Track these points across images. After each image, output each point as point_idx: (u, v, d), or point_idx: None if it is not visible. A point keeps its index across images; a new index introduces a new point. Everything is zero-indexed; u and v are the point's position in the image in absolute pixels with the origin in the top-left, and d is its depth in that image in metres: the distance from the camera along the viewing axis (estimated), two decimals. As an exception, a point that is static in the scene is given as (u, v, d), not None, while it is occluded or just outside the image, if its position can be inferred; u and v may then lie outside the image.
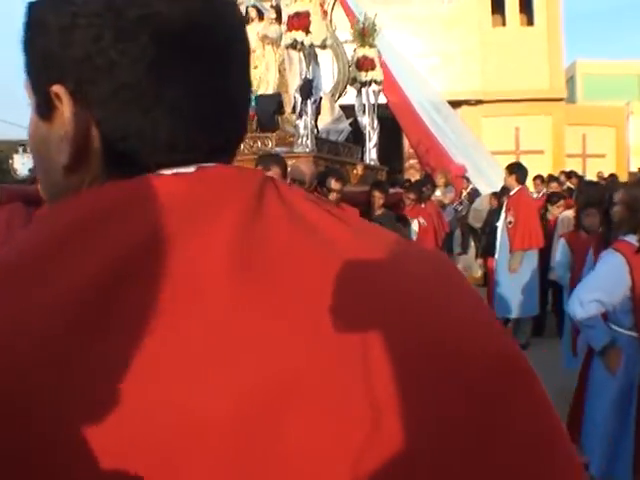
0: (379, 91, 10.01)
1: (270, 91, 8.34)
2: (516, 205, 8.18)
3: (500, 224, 8.49)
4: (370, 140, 9.82)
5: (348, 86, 9.91)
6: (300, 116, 7.27)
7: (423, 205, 9.94)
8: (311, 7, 7.32)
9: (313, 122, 7.45)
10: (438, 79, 20.37)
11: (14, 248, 0.65)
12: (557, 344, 6.99)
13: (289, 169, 5.91)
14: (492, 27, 22.21)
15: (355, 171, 8.67)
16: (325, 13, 7.46)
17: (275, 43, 8.58)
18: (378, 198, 7.90)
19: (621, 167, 21.88)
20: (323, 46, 7.56)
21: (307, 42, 7.29)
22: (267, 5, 9.09)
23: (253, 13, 9.14)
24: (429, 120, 19.82)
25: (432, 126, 19.55)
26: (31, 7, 0.73)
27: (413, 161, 20.93)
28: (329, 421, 0.58)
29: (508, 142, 21.46)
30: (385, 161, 10.58)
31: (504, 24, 22.57)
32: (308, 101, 7.25)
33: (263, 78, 8.76)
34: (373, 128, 9.81)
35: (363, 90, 9.73)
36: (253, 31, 8.94)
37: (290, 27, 7.36)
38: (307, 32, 7.28)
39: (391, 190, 9.42)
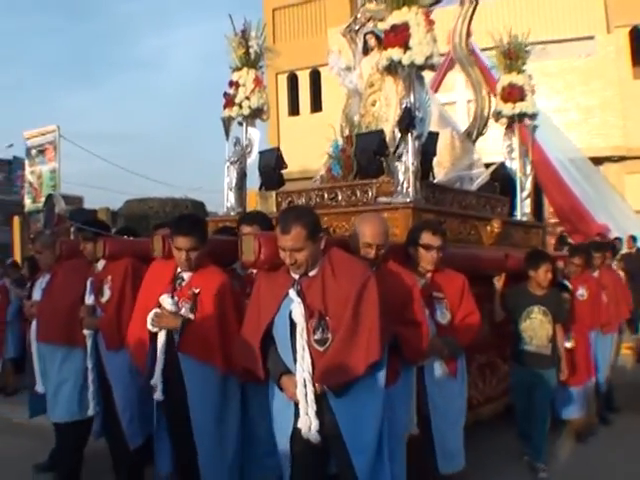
0: (533, 127, 7.65)
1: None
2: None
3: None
4: (523, 190, 7.46)
5: (492, 122, 7.68)
6: (400, 157, 5.19)
7: (596, 273, 7.41)
8: (412, 17, 5.28)
9: (417, 164, 5.29)
10: (577, 135, 18.55)
11: None
12: None
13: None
14: (633, 79, 19.85)
15: (489, 228, 6.28)
16: (431, 24, 5.33)
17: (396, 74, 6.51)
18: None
19: None
20: (430, 66, 5.41)
21: (405, 61, 5.24)
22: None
23: (372, 41, 7.21)
24: (569, 178, 17.77)
25: (572, 184, 17.50)
26: None
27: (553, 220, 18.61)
28: None
29: (655, 201, 18.63)
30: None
31: (645, 75, 20.22)
32: (409, 137, 5.17)
33: (382, 115, 6.72)
34: (525, 175, 7.49)
35: (512, 126, 7.50)
36: (372, 62, 7.04)
37: (386, 45, 5.37)
38: (405, 49, 5.24)
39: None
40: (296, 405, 3.48)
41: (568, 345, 6.31)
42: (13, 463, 6.15)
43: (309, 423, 3.42)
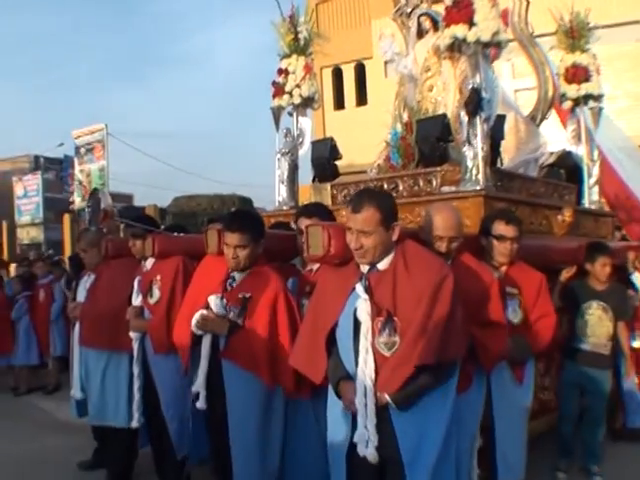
0: (599, 110, 7.04)
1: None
2: None
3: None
4: (590, 176, 6.90)
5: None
6: (468, 142, 4.73)
7: None
8: (474, -8, 4.81)
9: (486, 148, 4.82)
10: (626, 123, 17.62)
11: None
12: None
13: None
14: (684, 62, 18.89)
15: (560, 217, 5.70)
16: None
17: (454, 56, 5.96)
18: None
19: None
20: (497, 43, 4.94)
21: (471, 38, 4.76)
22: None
23: (427, 23, 6.64)
24: (620, 167, 17.20)
25: (623, 173, 16.91)
26: None
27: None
28: None
29: None
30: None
31: (698, 57, 19.24)
32: (477, 120, 4.70)
33: (440, 101, 6.21)
34: (592, 160, 6.93)
35: (577, 110, 6.91)
36: (427, 45, 6.53)
37: (448, 22, 4.89)
38: (470, 25, 4.77)
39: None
40: (354, 416, 3.01)
41: (635, 345, 5.75)
42: (57, 460, 5.93)
43: (367, 437, 2.94)
